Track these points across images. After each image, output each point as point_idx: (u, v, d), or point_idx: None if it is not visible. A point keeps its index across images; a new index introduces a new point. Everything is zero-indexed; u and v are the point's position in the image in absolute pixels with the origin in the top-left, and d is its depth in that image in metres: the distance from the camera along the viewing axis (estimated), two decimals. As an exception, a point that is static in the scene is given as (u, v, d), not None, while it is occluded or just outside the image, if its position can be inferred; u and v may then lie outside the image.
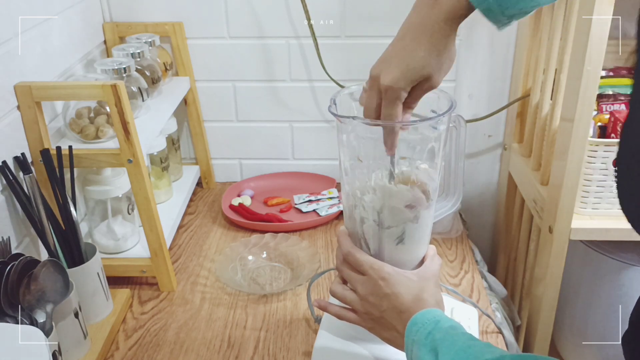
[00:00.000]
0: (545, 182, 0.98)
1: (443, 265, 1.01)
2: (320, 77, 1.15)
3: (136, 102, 0.94)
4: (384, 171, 0.64)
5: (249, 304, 0.92)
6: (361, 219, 0.66)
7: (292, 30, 1.13)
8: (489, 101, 1.19)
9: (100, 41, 1.11)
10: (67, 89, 0.81)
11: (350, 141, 0.64)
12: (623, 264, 0.97)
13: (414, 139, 0.62)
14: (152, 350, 0.84)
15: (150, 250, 0.91)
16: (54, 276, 0.73)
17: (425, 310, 0.61)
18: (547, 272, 0.96)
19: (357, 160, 0.64)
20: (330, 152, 1.25)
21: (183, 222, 1.15)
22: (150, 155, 1.07)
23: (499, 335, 0.86)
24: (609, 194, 0.92)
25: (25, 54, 0.84)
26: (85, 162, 0.84)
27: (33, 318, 0.69)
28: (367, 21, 1.12)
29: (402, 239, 0.66)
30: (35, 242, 0.85)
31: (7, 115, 0.78)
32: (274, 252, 1.03)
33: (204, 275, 1.00)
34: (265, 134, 1.24)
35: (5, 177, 0.76)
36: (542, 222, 0.98)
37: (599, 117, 0.95)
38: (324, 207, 1.14)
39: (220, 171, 1.29)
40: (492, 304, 0.93)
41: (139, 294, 0.95)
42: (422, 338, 0.58)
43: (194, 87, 1.18)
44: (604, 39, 0.79)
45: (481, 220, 1.34)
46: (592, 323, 1.05)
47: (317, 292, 0.95)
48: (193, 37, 1.15)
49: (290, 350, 0.83)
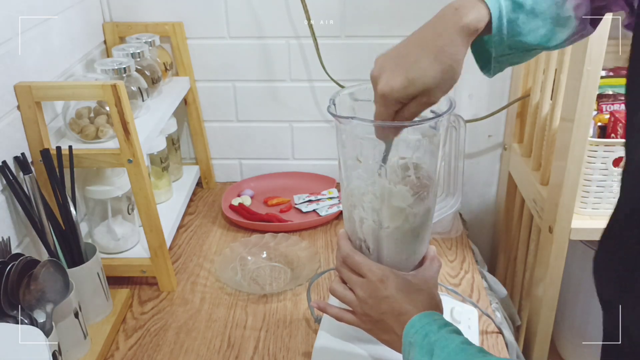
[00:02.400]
0: (545, 182, 0.98)
1: (443, 265, 1.01)
2: (320, 77, 1.15)
3: (136, 102, 0.94)
4: (382, 169, 0.64)
5: (249, 304, 0.92)
6: (360, 220, 0.66)
7: (292, 30, 1.13)
8: (489, 101, 1.18)
9: (100, 41, 1.11)
10: (67, 89, 0.81)
11: (350, 141, 0.64)
12: (623, 264, 0.97)
13: (413, 139, 0.62)
14: (152, 350, 0.84)
15: (150, 250, 0.91)
16: (54, 276, 0.73)
17: (423, 314, 0.61)
18: (547, 272, 0.96)
19: (357, 160, 0.64)
20: (330, 152, 1.25)
21: (183, 222, 1.15)
22: (150, 155, 1.07)
23: (499, 335, 0.86)
24: (609, 194, 0.92)
25: (25, 54, 0.84)
26: (85, 162, 0.84)
27: (33, 318, 0.69)
28: (367, 21, 1.12)
29: (402, 239, 0.66)
30: (35, 242, 0.85)
31: (7, 115, 0.78)
32: (274, 252, 1.03)
33: (204, 275, 1.00)
34: (265, 134, 1.24)
35: (5, 177, 0.76)
36: (542, 222, 0.98)
37: (599, 117, 0.95)
38: (324, 207, 1.14)
39: (220, 171, 1.29)
40: (492, 304, 0.93)
41: (139, 294, 0.95)
42: (419, 340, 0.58)
43: (194, 87, 1.18)
44: (604, 39, 0.79)
45: (481, 220, 1.34)
46: (592, 323, 1.05)
47: (317, 292, 0.95)
48: (193, 37, 1.15)
49: (290, 350, 0.83)
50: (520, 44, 0.56)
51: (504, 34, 0.54)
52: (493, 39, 0.55)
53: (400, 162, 0.64)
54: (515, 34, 0.55)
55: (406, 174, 0.64)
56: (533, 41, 0.55)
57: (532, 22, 0.54)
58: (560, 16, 0.55)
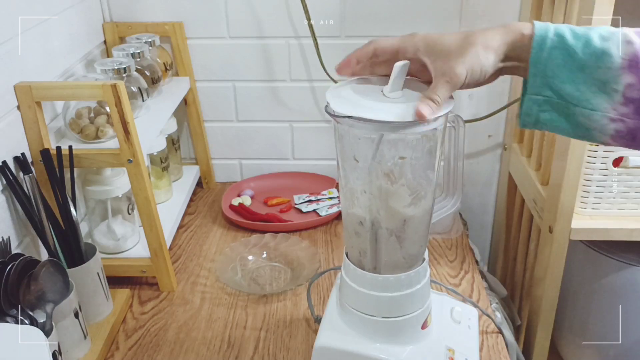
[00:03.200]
0: (545, 182, 0.98)
1: (443, 265, 1.01)
2: (320, 77, 1.15)
3: (136, 102, 0.95)
4: (380, 171, 0.64)
5: (249, 304, 0.92)
6: (359, 219, 0.66)
7: (292, 30, 1.13)
8: (489, 101, 1.18)
9: (100, 41, 1.11)
10: (67, 89, 0.81)
11: (347, 141, 0.64)
12: (623, 264, 0.97)
13: (411, 138, 0.62)
14: (152, 350, 0.84)
15: (150, 250, 0.91)
16: (54, 276, 0.73)
17: None
18: (547, 272, 0.96)
19: (354, 160, 0.64)
20: (330, 152, 1.25)
21: (183, 222, 1.15)
22: (150, 155, 1.07)
23: (499, 335, 0.86)
24: (609, 194, 0.92)
25: (25, 54, 0.84)
26: (85, 162, 0.84)
27: (33, 318, 0.69)
28: (367, 21, 1.12)
29: (400, 239, 0.66)
30: (35, 242, 0.85)
31: (7, 115, 0.78)
32: (274, 252, 1.03)
33: (204, 275, 1.00)
34: (265, 134, 1.24)
35: (5, 177, 0.76)
36: (542, 222, 0.98)
37: (599, 117, 0.95)
38: (324, 207, 1.14)
39: (220, 171, 1.29)
40: (492, 304, 0.93)
41: (139, 294, 0.95)
42: None
43: (194, 87, 1.18)
44: (603, 39, 0.79)
45: (481, 220, 1.34)
46: (592, 323, 1.05)
47: (317, 292, 0.95)
48: (193, 37, 1.15)
49: (290, 350, 0.83)
50: (557, 89, 0.54)
51: (542, 63, 0.53)
52: (530, 69, 0.54)
53: (398, 161, 0.64)
54: (553, 73, 0.53)
55: (404, 173, 0.64)
56: (571, 92, 0.53)
57: (574, 71, 0.52)
58: (608, 84, 0.52)
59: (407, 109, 0.57)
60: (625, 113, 0.52)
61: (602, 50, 0.52)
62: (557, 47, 0.53)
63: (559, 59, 0.53)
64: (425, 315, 0.69)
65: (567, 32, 0.53)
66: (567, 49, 0.52)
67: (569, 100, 0.54)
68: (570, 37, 0.53)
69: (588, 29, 0.53)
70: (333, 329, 0.72)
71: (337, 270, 0.94)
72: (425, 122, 0.56)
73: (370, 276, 0.67)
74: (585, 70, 0.52)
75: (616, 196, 0.92)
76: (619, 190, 0.92)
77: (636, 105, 0.52)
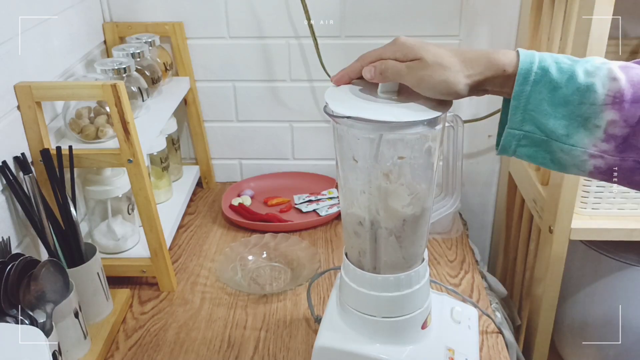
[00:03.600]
0: (545, 182, 0.98)
1: (443, 265, 1.01)
2: (320, 77, 1.15)
3: (136, 102, 0.95)
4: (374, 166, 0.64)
5: (249, 304, 0.92)
6: (358, 219, 0.66)
7: (292, 30, 1.13)
8: (489, 101, 1.18)
9: (100, 41, 1.11)
10: (67, 89, 0.81)
11: (346, 141, 0.64)
12: (623, 264, 0.97)
13: (410, 138, 0.62)
14: (152, 350, 0.84)
15: (150, 250, 0.91)
16: (54, 276, 0.73)
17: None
18: (547, 272, 0.96)
19: (353, 160, 0.64)
20: (330, 152, 1.25)
21: (183, 222, 1.15)
22: (150, 155, 1.07)
23: (499, 335, 0.86)
24: (609, 194, 0.92)
25: (25, 54, 0.84)
26: (85, 162, 0.84)
27: (33, 318, 0.69)
28: (367, 21, 1.12)
29: (400, 239, 0.66)
30: (35, 242, 0.85)
31: (7, 115, 0.78)
32: (274, 252, 1.03)
33: (204, 275, 1.00)
34: (265, 134, 1.25)
35: (5, 177, 0.76)
36: (542, 222, 0.98)
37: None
38: (324, 207, 1.15)
39: (220, 171, 1.29)
40: (492, 304, 0.93)
41: (139, 294, 0.95)
42: None
43: (194, 87, 1.18)
44: (604, 39, 0.79)
45: (481, 220, 1.34)
46: (592, 323, 1.05)
47: (317, 292, 0.95)
48: (193, 37, 1.15)
49: (290, 350, 0.83)
50: (537, 123, 0.53)
51: (524, 97, 0.52)
52: (512, 102, 0.53)
53: (397, 161, 0.64)
54: (535, 107, 0.52)
55: (403, 173, 0.64)
56: (552, 127, 0.52)
57: (557, 106, 0.52)
58: (590, 120, 0.51)
59: (406, 109, 0.57)
60: (606, 150, 0.52)
61: (587, 86, 0.51)
62: (541, 82, 0.52)
63: (542, 93, 0.52)
64: (425, 315, 0.70)
65: (552, 65, 0.52)
66: (550, 82, 0.52)
67: (549, 135, 0.53)
68: (555, 71, 0.52)
69: (574, 62, 0.52)
70: (333, 329, 0.72)
71: (337, 270, 0.94)
72: None
73: (369, 276, 0.67)
74: (568, 106, 0.51)
75: (616, 196, 0.92)
76: (618, 190, 0.92)
77: (617, 142, 0.51)
